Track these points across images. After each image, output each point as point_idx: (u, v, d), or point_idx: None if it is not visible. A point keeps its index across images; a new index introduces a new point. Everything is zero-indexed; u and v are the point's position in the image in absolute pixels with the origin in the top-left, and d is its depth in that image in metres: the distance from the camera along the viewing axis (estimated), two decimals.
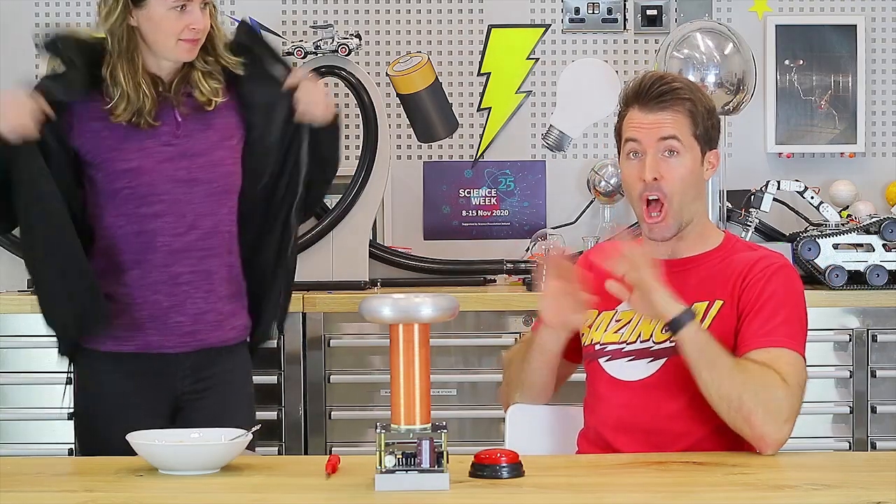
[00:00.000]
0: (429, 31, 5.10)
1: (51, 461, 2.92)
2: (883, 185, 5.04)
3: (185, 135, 3.33)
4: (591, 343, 3.00)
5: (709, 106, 2.96)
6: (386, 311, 2.52)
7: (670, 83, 2.94)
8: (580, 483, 2.63)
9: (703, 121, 2.93)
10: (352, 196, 4.71)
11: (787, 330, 2.85)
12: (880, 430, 4.53)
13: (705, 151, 2.95)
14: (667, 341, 2.88)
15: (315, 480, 2.62)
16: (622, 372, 2.94)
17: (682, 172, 2.91)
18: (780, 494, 2.51)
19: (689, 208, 2.93)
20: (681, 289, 2.88)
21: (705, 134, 2.94)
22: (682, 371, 2.84)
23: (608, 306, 2.98)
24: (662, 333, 2.88)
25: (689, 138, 2.93)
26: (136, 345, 3.32)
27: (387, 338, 2.57)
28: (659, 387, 2.89)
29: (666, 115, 2.92)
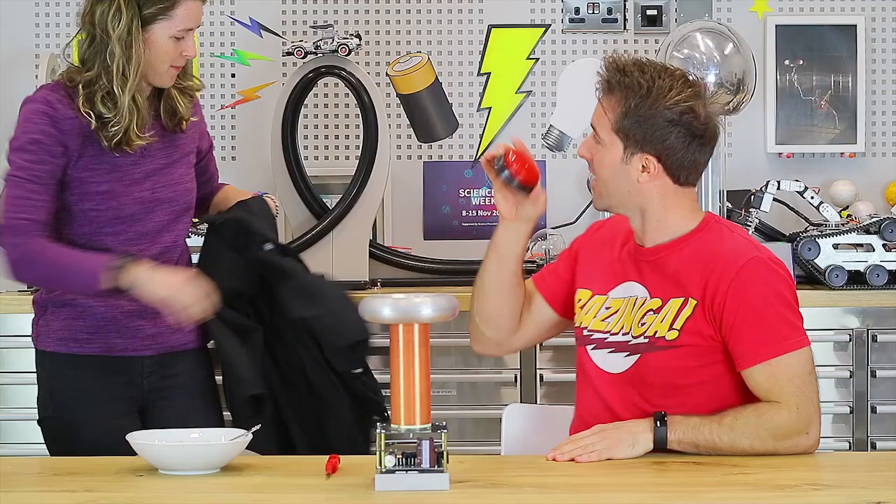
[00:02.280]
0: (429, 31, 5.10)
1: (51, 461, 2.92)
2: (883, 185, 5.04)
3: (150, 154, 3.34)
4: (580, 326, 3.02)
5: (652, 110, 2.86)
6: (386, 311, 2.53)
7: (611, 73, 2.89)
8: (580, 483, 2.63)
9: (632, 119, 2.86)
10: (352, 196, 4.70)
11: (780, 330, 2.84)
12: (880, 430, 4.53)
13: (633, 152, 2.88)
14: (641, 336, 2.89)
15: (315, 480, 2.62)
16: (604, 362, 2.96)
17: (601, 161, 2.91)
18: (780, 494, 2.51)
19: (617, 199, 2.93)
20: (659, 280, 2.91)
21: (634, 133, 2.87)
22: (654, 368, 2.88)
23: (602, 290, 3.00)
24: (639, 326, 2.90)
25: (609, 133, 2.89)
26: (100, 347, 3.33)
27: (387, 338, 2.57)
28: (632, 383, 2.91)
29: (602, 101, 2.91)
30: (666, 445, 2.79)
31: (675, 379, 2.88)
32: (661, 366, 2.88)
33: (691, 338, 2.86)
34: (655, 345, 2.88)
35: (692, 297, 2.87)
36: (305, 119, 5.01)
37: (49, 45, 5.01)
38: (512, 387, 4.51)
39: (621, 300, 2.96)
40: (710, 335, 2.86)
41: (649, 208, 2.93)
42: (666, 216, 2.94)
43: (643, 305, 2.92)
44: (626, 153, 2.89)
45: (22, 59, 5.00)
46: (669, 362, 2.87)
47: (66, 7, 5.04)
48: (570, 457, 2.76)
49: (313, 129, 5.09)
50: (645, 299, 2.92)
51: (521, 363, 4.51)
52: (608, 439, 2.79)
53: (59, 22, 5.04)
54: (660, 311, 2.89)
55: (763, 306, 2.84)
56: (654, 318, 2.89)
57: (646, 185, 2.90)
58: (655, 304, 2.90)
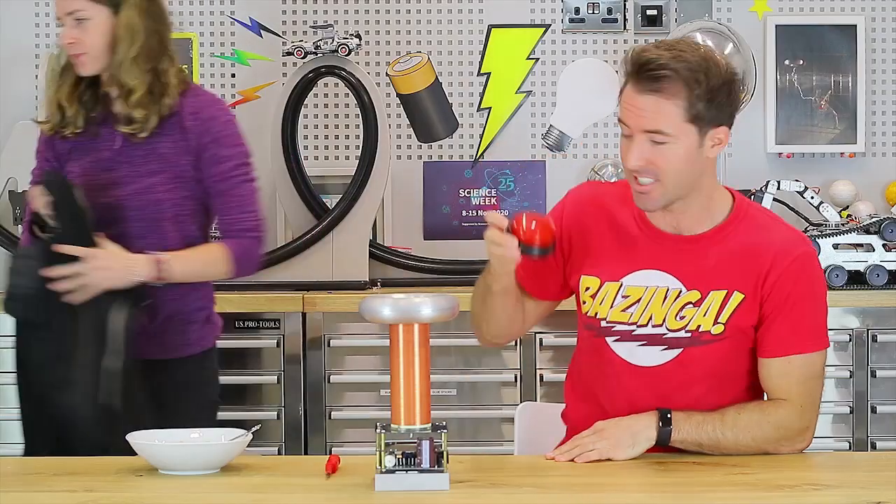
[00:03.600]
0: (429, 31, 5.11)
1: (51, 461, 2.92)
2: (883, 185, 5.04)
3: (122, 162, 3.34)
4: (595, 316, 2.90)
5: (714, 83, 2.77)
6: (386, 311, 2.53)
7: (661, 67, 2.75)
8: (580, 483, 2.62)
9: (702, 100, 2.76)
10: (352, 196, 4.71)
11: (811, 329, 2.86)
12: (880, 430, 4.53)
13: (707, 131, 2.79)
14: (682, 330, 2.83)
15: (315, 480, 2.62)
16: (633, 356, 2.87)
17: (672, 159, 2.78)
18: (780, 494, 2.51)
19: (685, 186, 2.81)
20: (696, 271, 2.83)
21: (706, 113, 2.77)
22: (698, 362, 2.84)
23: (612, 276, 2.89)
24: (677, 320, 2.84)
25: (680, 125, 2.77)
26: None
27: (387, 338, 2.57)
28: (674, 376, 2.85)
29: (653, 100, 2.76)
30: (668, 444, 2.78)
31: (719, 371, 2.85)
32: (706, 359, 2.84)
33: (736, 331, 2.83)
34: (700, 339, 2.83)
35: (738, 290, 2.82)
36: (305, 119, 5.01)
37: (49, 45, 5.01)
38: (512, 387, 4.51)
39: (642, 289, 2.87)
40: (752, 325, 2.84)
41: (705, 186, 2.85)
42: (713, 192, 2.88)
43: (678, 297, 2.84)
44: (700, 136, 2.80)
45: (22, 59, 5.00)
46: (714, 355, 2.84)
47: None
48: (570, 457, 2.75)
49: (313, 129, 5.09)
50: (680, 291, 2.84)
51: (521, 363, 4.52)
52: (607, 439, 2.77)
53: None
54: (700, 304, 2.83)
55: (802, 302, 2.84)
56: (695, 311, 2.83)
57: (712, 160, 2.84)
58: (694, 297, 2.84)
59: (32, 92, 4.88)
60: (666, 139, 2.77)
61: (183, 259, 3.33)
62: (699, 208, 2.87)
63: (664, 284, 2.85)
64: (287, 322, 4.52)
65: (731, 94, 2.82)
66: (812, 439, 2.84)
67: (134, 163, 3.34)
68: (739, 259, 2.84)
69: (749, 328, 2.84)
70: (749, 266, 2.83)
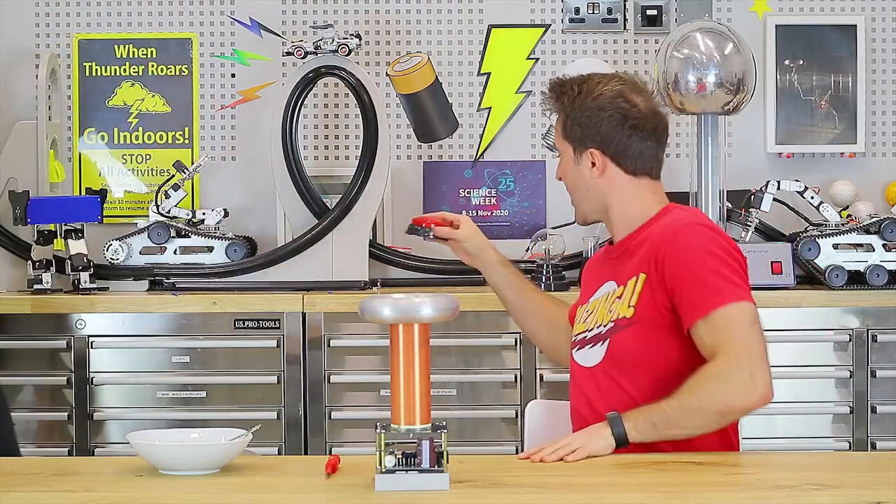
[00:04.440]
0: (429, 31, 5.10)
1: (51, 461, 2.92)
2: (883, 185, 5.04)
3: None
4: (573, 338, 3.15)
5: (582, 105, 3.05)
6: (386, 311, 2.53)
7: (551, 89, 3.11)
8: (580, 483, 2.63)
9: (571, 121, 3.06)
10: (352, 196, 4.71)
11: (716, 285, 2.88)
12: (880, 430, 4.53)
13: (580, 151, 3.08)
14: (609, 322, 2.99)
15: (315, 480, 2.62)
16: (584, 358, 3.06)
17: (562, 172, 3.13)
18: (780, 494, 2.51)
19: (584, 205, 3.12)
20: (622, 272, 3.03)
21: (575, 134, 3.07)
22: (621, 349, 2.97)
23: (585, 299, 3.16)
24: (608, 314, 3.00)
25: (561, 141, 3.10)
26: None
27: (387, 338, 2.57)
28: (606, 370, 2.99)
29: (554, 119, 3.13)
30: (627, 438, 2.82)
31: (640, 356, 2.95)
32: (625, 345, 2.97)
33: (646, 311, 2.95)
34: (618, 325, 2.98)
35: (642, 272, 2.98)
36: (305, 119, 5.01)
37: (49, 45, 5.01)
38: (512, 387, 4.51)
39: (597, 301, 3.09)
40: (663, 304, 2.94)
41: (611, 204, 3.08)
42: (626, 209, 3.08)
43: (611, 296, 3.03)
44: (575, 155, 3.07)
45: (22, 59, 5.00)
46: (632, 340, 2.96)
47: (66, 7, 5.04)
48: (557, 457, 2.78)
49: (313, 129, 5.09)
50: (614, 290, 3.04)
51: (521, 363, 4.51)
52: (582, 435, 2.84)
53: (59, 22, 5.04)
54: (623, 296, 3.00)
55: (696, 264, 2.91)
56: (619, 302, 3.00)
57: (600, 181, 3.08)
58: (620, 292, 3.02)
59: (32, 92, 4.88)
60: (558, 153, 3.14)
61: None
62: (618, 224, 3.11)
63: (608, 290, 3.07)
64: (287, 322, 4.52)
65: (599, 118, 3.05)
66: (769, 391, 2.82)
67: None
68: (643, 246, 3.01)
69: (658, 307, 2.94)
70: (647, 249, 2.99)
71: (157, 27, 5.05)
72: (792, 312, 4.53)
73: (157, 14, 5.06)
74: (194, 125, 5.06)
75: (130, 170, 5.01)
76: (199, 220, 4.82)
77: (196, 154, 5.03)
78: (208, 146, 5.06)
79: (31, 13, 5.04)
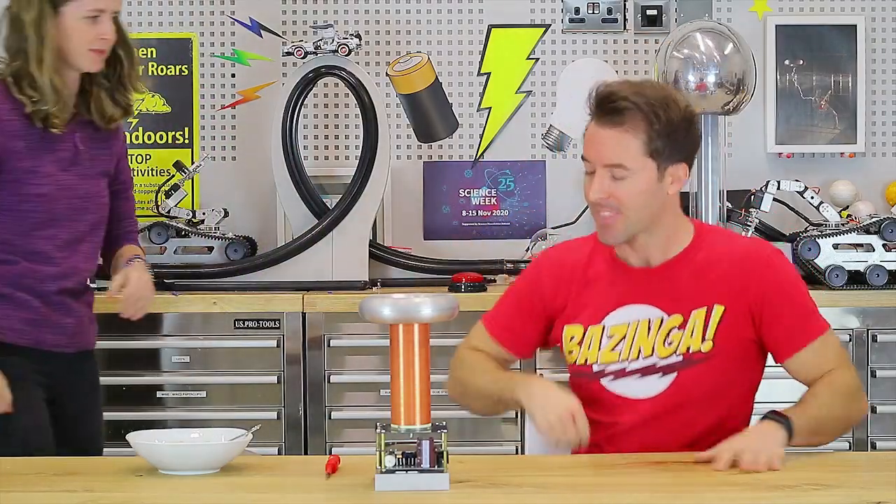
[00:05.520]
0: (429, 31, 5.10)
1: (51, 461, 2.92)
2: (883, 185, 5.04)
3: (80, 162, 3.43)
4: (585, 363, 2.95)
5: (674, 118, 2.84)
6: (386, 311, 2.53)
7: (620, 100, 2.82)
8: (580, 483, 2.63)
9: (661, 136, 2.82)
10: (352, 196, 4.70)
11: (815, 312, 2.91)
12: (880, 430, 4.53)
13: (666, 167, 2.85)
14: (673, 354, 2.87)
15: (315, 480, 2.63)
16: (631, 390, 2.90)
17: (631, 193, 2.84)
18: (780, 494, 2.51)
19: (645, 223, 2.87)
20: (672, 296, 2.88)
21: (665, 149, 2.84)
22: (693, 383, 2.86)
23: (594, 320, 2.94)
24: (665, 347, 2.87)
25: (640, 158, 2.83)
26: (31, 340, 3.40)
27: (387, 338, 2.57)
28: (668, 403, 2.88)
29: (615, 133, 2.83)
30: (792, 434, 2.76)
31: (716, 391, 2.88)
32: (701, 379, 2.87)
33: (727, 344, 2.86)
34: (693, 360, 2.86)
35: (717, 304, 2.87)
36: (305, 119, 5.01)
37: None
38: None
39: (625, 325, 2.91)
40: (747, 336, 2.88)
41: (667, 220, 2.90)
42: (676, 224, 2.93)
43: (662, 325, 2.88)
44: (660, 171, 2.85)
45: None
46: (709, 375, 2.86)
47: None
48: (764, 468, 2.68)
49: (313, 129, 5.09)
50: (662, 319, 2.88)
51: (520, 363, 4.50)
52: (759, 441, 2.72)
53: None
54: (685, 327, 2.87)
55: (797, 292, 2.91)
56: (681, 334, 2.87)
57: (672, 196, 2.90)
58: (677, 321, 2.88)
59: None
60: (625, 174, 2.84)
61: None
62: (661, 241, 2.92)
63: (645, 316, 2.90)
64: (287, 322, 4.52)
65: (689, 132, 2.89)
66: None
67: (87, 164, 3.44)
68: (710, 274, 2.89)
69: (741, 340, 2.87)
70: (720, 278, 2.88)
71: (157, 27, 5.05)
72: None
73: (157, 14, 5.06)
74: (194, 125, 5.06)
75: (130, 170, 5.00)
76: (199, 220, 4.82)
77: (196, 154, 5.03)
78: (208, 146, 5.06)
79: None
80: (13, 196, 3.36)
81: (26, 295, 3.38)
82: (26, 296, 3.38)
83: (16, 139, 3.34)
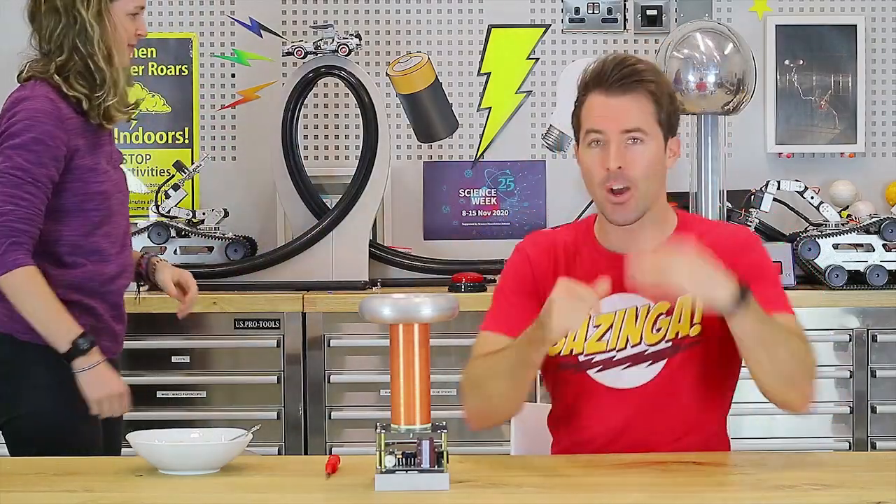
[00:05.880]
0: (429, 31, 5.11)
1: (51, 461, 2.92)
2: (883, 185, 5.04)
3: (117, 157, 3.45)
4: (570, 353, 2.89)
5: (670, 91, 2.88)
6: (386, 311, 2.52)
7: (633, 65, 2.83)
8: (580, 483, 2.63)
9: (666, 106, 2.85)
10: (352, 196, 4.71)
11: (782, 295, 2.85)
12: (880, 430, 4.53)
13: (668, 137, 2.86)
14: (662, 341, 2.84)
15: (315, 480, 2.62)
16: (619, 380, 2.86)
17: (648, 159, 2.82)
18: (780, 494, 2.51)
19: (652, 194, 2.85)
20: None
21: (668, 120, 2.85)
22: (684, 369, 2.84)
23: None
24: (653, 333, 2.84)
25: (653, 125, 2.83)
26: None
27: (387, 338, 2.57)
28: (662, 389, 2.84)
29: (628, 100, 2.82)
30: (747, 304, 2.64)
31: (705, 377, 2.85)
32: (691, 364, 2.83)
33: (715, 327, 2.80)
34: (682, 345, 2.83)
35: None
36: (305, 119, 5.01)
37: None
38: None
39: (611, 314, 2.86)
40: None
41: (662, 200, 2.90)
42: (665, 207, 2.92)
43: (649, 312, 2.85)
44: (664, 141, 2.86)
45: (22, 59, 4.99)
46: (698, 358, 2.83)
47: None
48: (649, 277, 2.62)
49: (313, 129, 5.09)
50: (649, 306, 2.85)
51: None
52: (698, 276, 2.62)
53: None
54: (672, 313, 2.84)
55: (770, 273, 2.87)
56: (669, 320, 2.84)
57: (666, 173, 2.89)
58: (665, 307, 2.85)
59: None
60: (644, 138, 2.82)
61: None
62: (656, 222, 2.90)
63: (632, 304, 2.86)
64: (287, 322, 4.52)
65: (678, 106, 2.92)
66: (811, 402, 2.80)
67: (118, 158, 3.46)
68: None
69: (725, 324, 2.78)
70: None
71: (157, 27, 5.05)
72: None
73: (157, 14, 5.06)
74: (194, 125, 5.06)
75: (130, 170, 5.01)
76: (199, 220, 4.82)
77: (196, 154, 5.03)
78: (208, 146, 5.06)
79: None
80: (77, 196, 3.31)
81: (92, 301, 3.33)
82: (92, 302, 3.33)
83: (78, 137, 3.30)
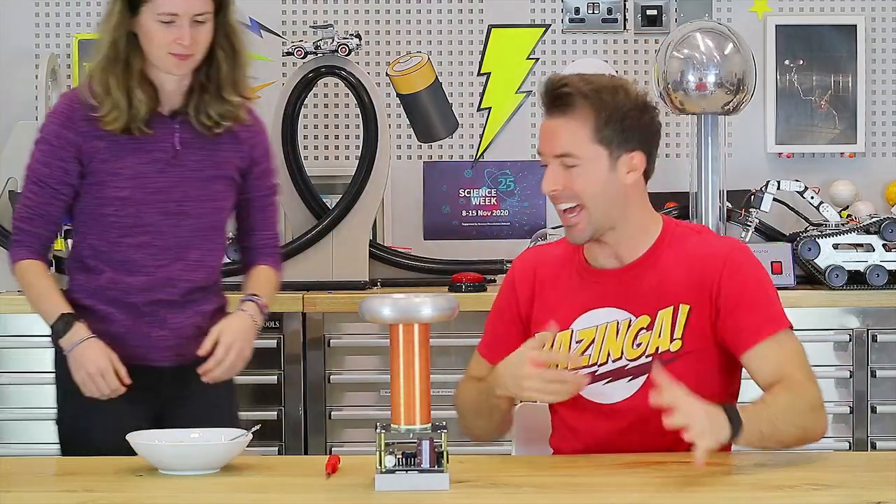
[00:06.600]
0: (429, 31, 5.11)
1: (51, 461, 2.92)
2: (883, 185, 5.04)
3: (180, 164, 3.27)
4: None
5: (623, 105, 2.80)
6: (386, 311, 2.53)
7: (565, 86, 2.79)
8: (580, 483, 2.63)
9: (610, 123, 2.79)
10: (352, 196, 4.71)
11: (777, 309, 2.85)
12: (880, 430, 4.53)
13: (618, 155, 2.81)
14: (642, 356, 2.83)
15: (315, 480, 2.63)
16: (602, 395, 2.86)
17: (585, 181, 2.80)
18: (780, 494, 2.51)
19: (610, 214, 2.83)
20: (638, 297, 2.85)
21: (614, 136, 2.80)
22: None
23: (561, 326, 2.87)
24: (634, 348, 2.84)
25: (588, 146, 2.79)
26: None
27: (387, 338, 2.57)
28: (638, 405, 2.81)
29: (562, 122, 2.80)
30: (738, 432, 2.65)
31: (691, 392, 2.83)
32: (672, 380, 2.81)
33: (695, 343, 2.82)
34: (662, 360, 2.81)
35: (683, 303, 2.83)
36: (305, 119, 5.01)
37: (49, 45, 5.01)
38: None
39: (593, 329, 2.87)
40: (711, 335, 2.83)
41: (632, 214, 2.86)
42: (639, 221, 2.88)
43: (630, 327, 2.85)
44: (611, 159, 2.82)
45: (22, 59, 5.00)
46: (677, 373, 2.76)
47: (66, 7, 5.04)
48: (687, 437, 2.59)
49: (313, 129, 5.09)
50: (630, 320, 2.85)
51: None
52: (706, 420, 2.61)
53: (59, 22, 5.04)
54: (652, 328, 2.84)
55: (757, 287, 2.85)
56: (649, 335, 2.84)
57: (630, 190, 2.84)
58: (645, 322, 2.84)
59: (32, 92, 4.87)
60: (576, 161, 2.80)
61: (269, 296, 3.44)
62: (631, 236, 2.88)
63: (613, 319, 2.86)
64: (287, 322, 4.52)
65: (641, 119, 2.84)
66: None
67: (191, 166, 3.28)
68: (675, 273, 2.86)
69: (710, 340, 2.83)
70: (687, 277, 2.85)
71: None
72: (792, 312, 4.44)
73: None
74: None
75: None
76: None
77: None
78: None
79: (31, 13, 5.04)
80: (95, 199, 3.25)
81: (109, 308, 3.26)
82: (109, 308, 3.25)
83: (95, 139, 3.23)
